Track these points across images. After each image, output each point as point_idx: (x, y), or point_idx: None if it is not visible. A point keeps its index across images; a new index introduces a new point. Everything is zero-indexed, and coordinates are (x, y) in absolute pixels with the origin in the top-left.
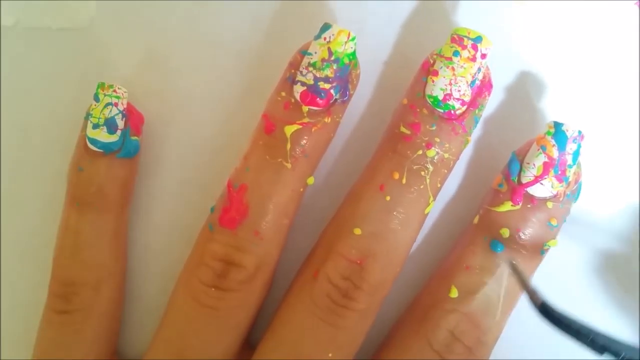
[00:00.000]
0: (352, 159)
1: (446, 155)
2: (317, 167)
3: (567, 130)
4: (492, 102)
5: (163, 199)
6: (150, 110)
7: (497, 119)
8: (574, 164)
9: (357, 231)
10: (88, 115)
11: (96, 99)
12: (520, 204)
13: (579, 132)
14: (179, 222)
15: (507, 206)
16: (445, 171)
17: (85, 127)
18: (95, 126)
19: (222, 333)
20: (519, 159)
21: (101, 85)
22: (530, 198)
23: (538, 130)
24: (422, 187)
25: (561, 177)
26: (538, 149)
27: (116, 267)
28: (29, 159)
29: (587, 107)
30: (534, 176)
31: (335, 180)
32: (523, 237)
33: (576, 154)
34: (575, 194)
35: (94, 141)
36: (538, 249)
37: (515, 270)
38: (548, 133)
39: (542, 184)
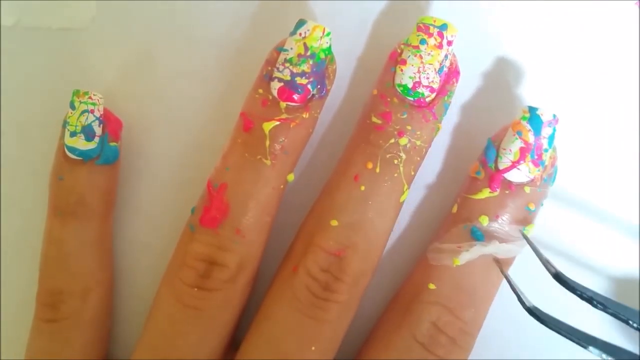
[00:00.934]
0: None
1: (418, 143)
2: (297, 164)
3: (542, 115)
4: (485, 92)
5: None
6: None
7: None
8: (550, 148)
9: (334, 222)
10: (65, 123)
11: (72, 106)
12: (498, 191)
13: (554, 115)
14: (166, 226)
15: (485, 193)
16: (418, 159)
17: (63, 135)
18: (73, 134)
19: (207, 333)
20: (495, 145)
21: (76, 93)
22: (508, 184)
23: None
24: (395, 175)
25: (537, 162)
26: (514, 134)
27: (102, 274)
28: (28, 159)
29: (587, 107)
30: (511, 162)
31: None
32: (502, 223)
33: (551, 138)
34: (552, 177)
35: (72, 149)
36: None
37: (527, 241)
38: (523, 118)
39: (518, 169)
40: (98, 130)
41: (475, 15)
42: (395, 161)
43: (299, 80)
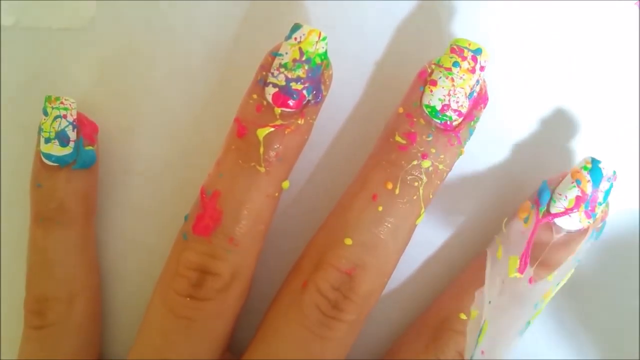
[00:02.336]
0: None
1: (440, 167)
2: (301, 172)
3: (604, 169)
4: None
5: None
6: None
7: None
8: (604, 203)
9: (348, 241)
10: (40, 130)
11: (45, 112)
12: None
13: (614, 172)
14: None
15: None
16: (438, 182)
17: (38, 142)
18: (47, 140)
19: (199, 344)
20: (550, 189)
21: (48, 99)
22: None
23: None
24: (414, 197)
25: (590, 213)
26: (572, 182)
27: (88, 279)
28: (29, 159)
29: (587, 107)
30: (565, 208)
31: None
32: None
33: (607, 193)
34: (598, 232)
35: (48, 155)
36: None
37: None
38: (584, 168)
39: (570, 216)
40: (72, 135)
41: (475, 16)
42: (416, 183)
43: (294, 85)
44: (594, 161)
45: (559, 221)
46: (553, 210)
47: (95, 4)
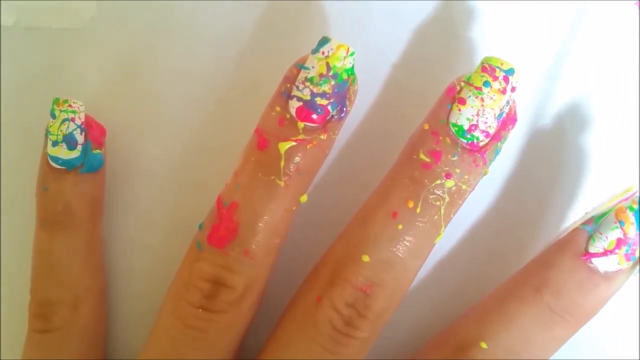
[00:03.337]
0: (353, 173)
1: (463, 187)
2: (317, 182)
3: None
4: None
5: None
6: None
7: None
8: None
9: (366, 258)
10: (47, 133)
11: (52, 115)
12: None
13: None
14: (166, 227)
15: None
16: (460, 202)
17: (45, 144)
18: (55, 143)
19: (209, 356)
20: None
21: (56, 101)
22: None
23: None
24: (435, 217)
25: (630, 256)
26: (615, 222)
27: (93, 283)
28: (29, 159)
29: (587, 107)
30: (604, 249)
31: (334, 196)
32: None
33: None
34: (633, 272)
35: (55, 159)
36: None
37: None
38: (630, 209)
39: (608, 257)
40: (80, 138)
41: (473, 15)
42: (438, 203)
43: (319, 100)
44: None
45: (596, 261)
46: (592, 250)
47: (95, 4)
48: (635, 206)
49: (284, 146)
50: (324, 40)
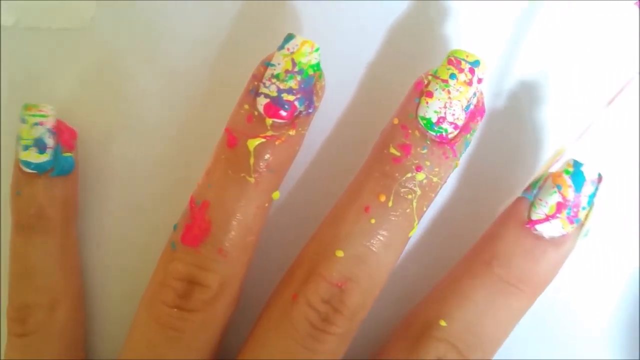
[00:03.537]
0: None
1: (434, 179)
2: (291, 181)
3: (586, 172)
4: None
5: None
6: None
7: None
8: (588, 207)
9: (340, 253)
10: (18, 138)
11: (23, 120)
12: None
13: (598, 174)
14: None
15: None
16: (432, 195)
17: (17, 150)
18: (25, 147)
19: (186, 356)
20: (530, 193)
21: (26, 106)
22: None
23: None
24: (408, 210)
25: (573, 219)
26: (553, 187)
27: (69, 286)
28: None
29: (587, 107)
30: (545, 215)
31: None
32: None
33: (592, 197)
34: (584, 234)
35: (26, 163)
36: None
37: None
38: (566, 172)
39: (551, 222)
40: (50, 141)
41: (474, 16)
42: (409, 196)
43: (285, 96)
44: (576, 164)
45: (540, 227)
46: (534, 217)
47: (95, 4)
48: (570, 169)
49: (253, 143)
50: (289, 37)
